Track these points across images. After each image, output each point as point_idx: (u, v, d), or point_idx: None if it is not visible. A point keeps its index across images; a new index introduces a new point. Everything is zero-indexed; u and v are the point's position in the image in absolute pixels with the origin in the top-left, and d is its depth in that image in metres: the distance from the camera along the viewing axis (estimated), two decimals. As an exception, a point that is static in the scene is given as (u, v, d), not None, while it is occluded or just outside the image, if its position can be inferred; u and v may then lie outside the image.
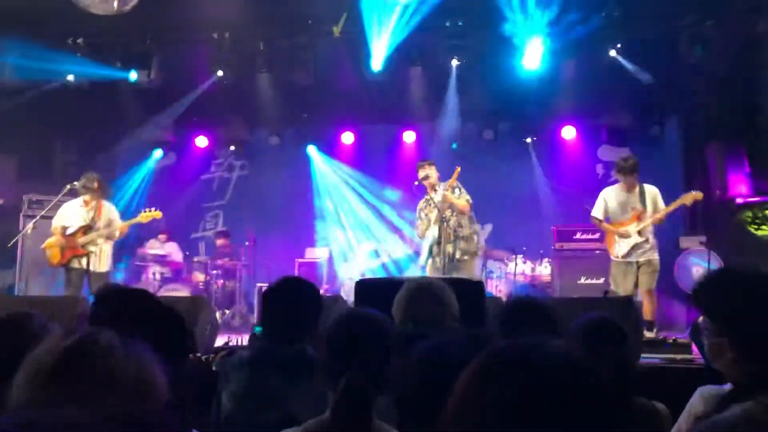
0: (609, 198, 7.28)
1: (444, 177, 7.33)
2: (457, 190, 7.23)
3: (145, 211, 7.85)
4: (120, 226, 7.63)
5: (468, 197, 7.23)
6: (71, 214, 7.62)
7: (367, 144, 11.12)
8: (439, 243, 7.09)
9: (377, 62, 8.92)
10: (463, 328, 2.72)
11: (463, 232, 7.15)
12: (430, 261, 7.24)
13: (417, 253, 10.36)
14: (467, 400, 0.91)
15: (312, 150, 11.28)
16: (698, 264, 8.46)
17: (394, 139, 10.89)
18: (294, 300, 2.77)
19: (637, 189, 7.11)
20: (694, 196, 7.07)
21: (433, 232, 7.19)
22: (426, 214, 7.37)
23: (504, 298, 7.05)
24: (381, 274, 10.59)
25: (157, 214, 7.86)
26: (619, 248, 7.14)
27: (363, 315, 2.23)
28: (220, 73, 9.04)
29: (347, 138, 11.07)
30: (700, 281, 1.96)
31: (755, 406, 1.66)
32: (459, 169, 7.22)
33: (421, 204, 7.49)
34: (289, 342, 2.66)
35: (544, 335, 2.25)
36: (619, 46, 8.32)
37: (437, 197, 7.17)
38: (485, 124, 10.44)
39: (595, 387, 0.89)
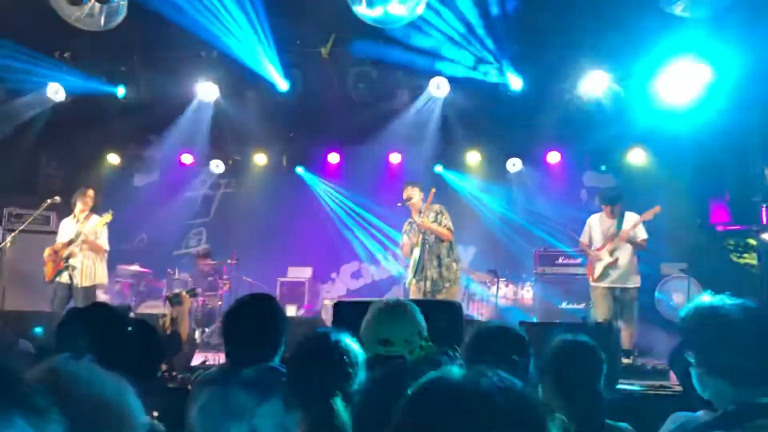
0: (592, 225, 7.69)
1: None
2: (438, 216, 7.23)
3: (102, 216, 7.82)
4: (93, 233, 7.55)
5: (449, 224, 7.23)
6: (65, 229, 7.63)
7: (353, 164, 11.13)
8: (422, 267, 7.09)
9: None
10: (431, 350, 2.72)
11: (445, 260, 7.17)
12: (413, 283, 7.24)
13: (401, 274, 10.37)
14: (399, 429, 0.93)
15: (299, 169, 11.29)
16: (678, 291, 8.51)
17: (380, 160, 10.91)
18: (255, 320, 2.73)
19: (616, 215, 7.46)
20: (653, 210, 7.35)
21: (416, 254, 7.19)
22: (410, 237, 7.38)
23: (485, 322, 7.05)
24: (364, 295, 10.57)
25: (107, 217, 7.79)
26: (594, 272, 7.45)
27: (322, 335, 2.23)
28: (205, 90, 9.04)
29: (333, 158, 11.09)
30: (682, 315, 2.07)
31: None
32: (434, 190, 7.27)
33: (406, 226, 7.50)
34: (252, 361, 2.63)
35: (512, 360, 2.26)
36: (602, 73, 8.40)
37: (419, 219, 7.19)
38: (471, 147, 10.50)
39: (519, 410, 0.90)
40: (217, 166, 11.40)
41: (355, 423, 1.66)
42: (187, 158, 11.31)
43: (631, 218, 7.42)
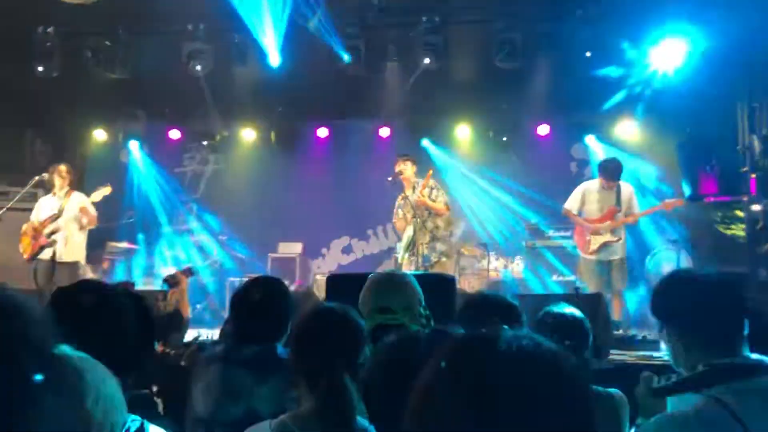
0: (587, 193, 7.36)
1: (421, 173, 7.35)
2: (434, 191, 7.23)
3: (96, 190, 7.73)
4: (81, 207, 7.49)
5: (446, 198, 7.25)
6: (43, 206, 7.55)
7: (342, 138, 11.06)
8: (414, 242, 7.09)
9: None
10: (430, 319, 2.73)
11: (439, 233, 7.17)
12: (406, 257, 7.25)
13: (391, 249, 10.38)
14: (427, 395, 0.89)
15: (286, 144, 11.20)
16: (668, 262, 8.57)
17: (369, 135, 10.84)
18: (264, 303, 2.75)
19: (614, 187, 7.20)
20: (674, 202, 7.19)
21: (409, 232, 7.19)
22: (404, 212, 7.36)
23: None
24: (354, 270, 10.56)
25: (107, 189, 7.74)
26: (589, 245, 7.23)
27: (328, 310, 2.22)
28: (194, 65, 8.93)
29: (322, 132, 11.02)
30: (653, 291, 2.12)
31: (705, 402, 1.73)
32: (431, 171, 7.27)
33: (399, 200, 7.48)
34: (256, 341, 2.65)
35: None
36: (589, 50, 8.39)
37: (413, 196, 7.16)
38: (461, 120, 10.46)
39: (556, 371, 0.87)
40: (205, 143, 11.32)
41: (364, 395, 1.66)
42: (174, 134, 11.21)
43: (627, 189, 7.25)
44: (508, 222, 10.03)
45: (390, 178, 7.35)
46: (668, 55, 8.00)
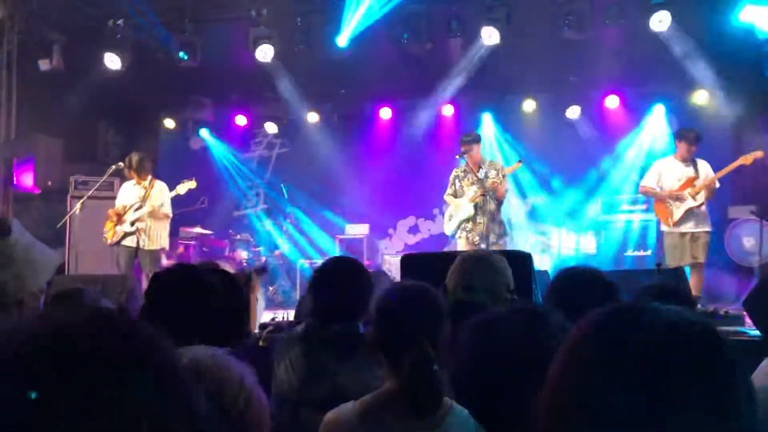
0: (664, 169, 7.28)
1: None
2: (499, 174, 7.20)
3: (182, 183, 7.92)
4: (160, 200, 7.69)
5: (507, 186, 7.30)
6: (126, 193, 7.78)
7: (405, 118, 11.00)
8: (475, 220, 7.10)
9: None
10: (518, 300, 2.68)
11: (497, 215, 7.19)
12: (463, 235, 7.23)
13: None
14: (579, 367, 0.86)
15: (350, 126, 11.22)
16: (749, 234, 8.24)
17: (433, 113, 10.75)
18: (344, 281, 2.76)
19: (690, 161, 7.15)
20: (754, 155, 6.98)
21: (468, 208, 7.15)
22: (462, 186, 7.33)
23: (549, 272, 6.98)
24: (421, 250, 10.55)
25: (192, 183, 7.93)
26: (672, 215, 7.09)
27: (412, 287, 2.20)
28: (257, 50, 9.01)
29: (385, 113, 11.00)
30: None
31: None
32: (520, 163, 7.29)
33: (459, 172, 7.43)
34: (337, 320, 2.65)
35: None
36: (665, 12, 8.05)
37: (488, 181, 7.12)
38: (526, 94, 10.26)
39: (723, 351, 0.85)
40: (271, 127, 11.46)
41: (451, 379, 1.63)
42: (241, 120, 11.40)
43: (704, 164, 7.13)
44: (577, 196, 9.79)
45: (458, 156, 7.33)
46: (752, 19, 7.66)
